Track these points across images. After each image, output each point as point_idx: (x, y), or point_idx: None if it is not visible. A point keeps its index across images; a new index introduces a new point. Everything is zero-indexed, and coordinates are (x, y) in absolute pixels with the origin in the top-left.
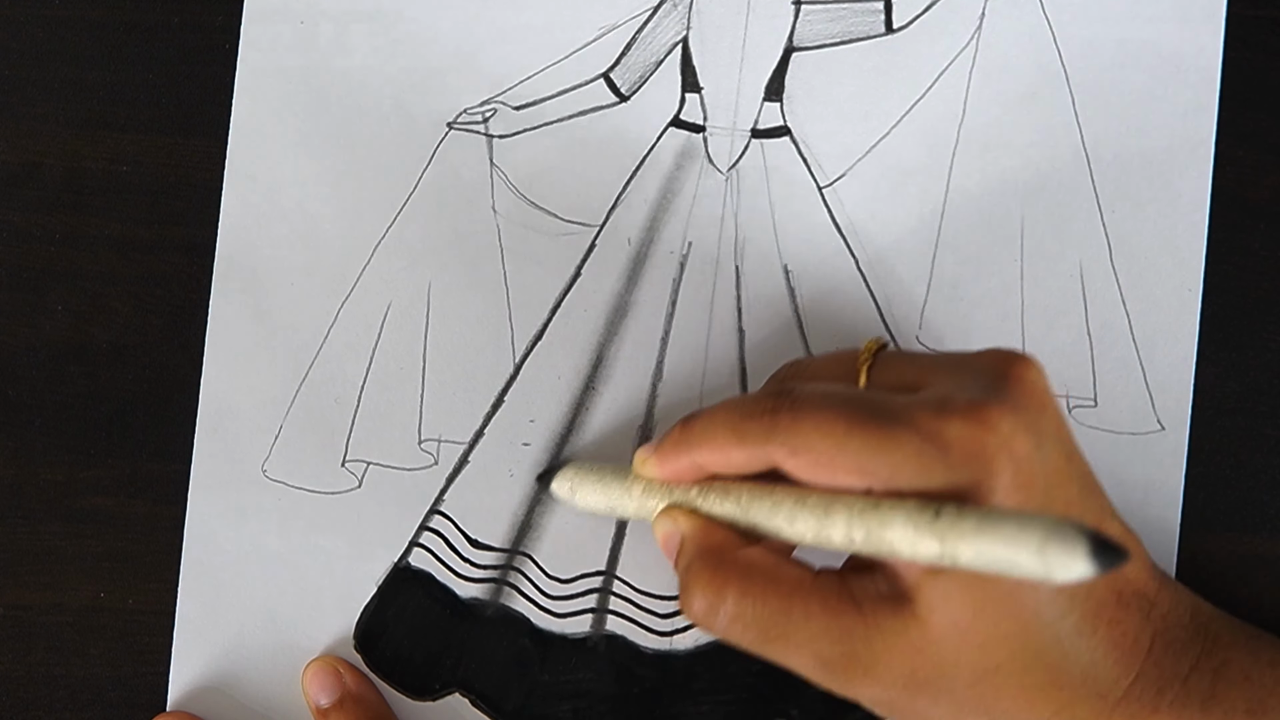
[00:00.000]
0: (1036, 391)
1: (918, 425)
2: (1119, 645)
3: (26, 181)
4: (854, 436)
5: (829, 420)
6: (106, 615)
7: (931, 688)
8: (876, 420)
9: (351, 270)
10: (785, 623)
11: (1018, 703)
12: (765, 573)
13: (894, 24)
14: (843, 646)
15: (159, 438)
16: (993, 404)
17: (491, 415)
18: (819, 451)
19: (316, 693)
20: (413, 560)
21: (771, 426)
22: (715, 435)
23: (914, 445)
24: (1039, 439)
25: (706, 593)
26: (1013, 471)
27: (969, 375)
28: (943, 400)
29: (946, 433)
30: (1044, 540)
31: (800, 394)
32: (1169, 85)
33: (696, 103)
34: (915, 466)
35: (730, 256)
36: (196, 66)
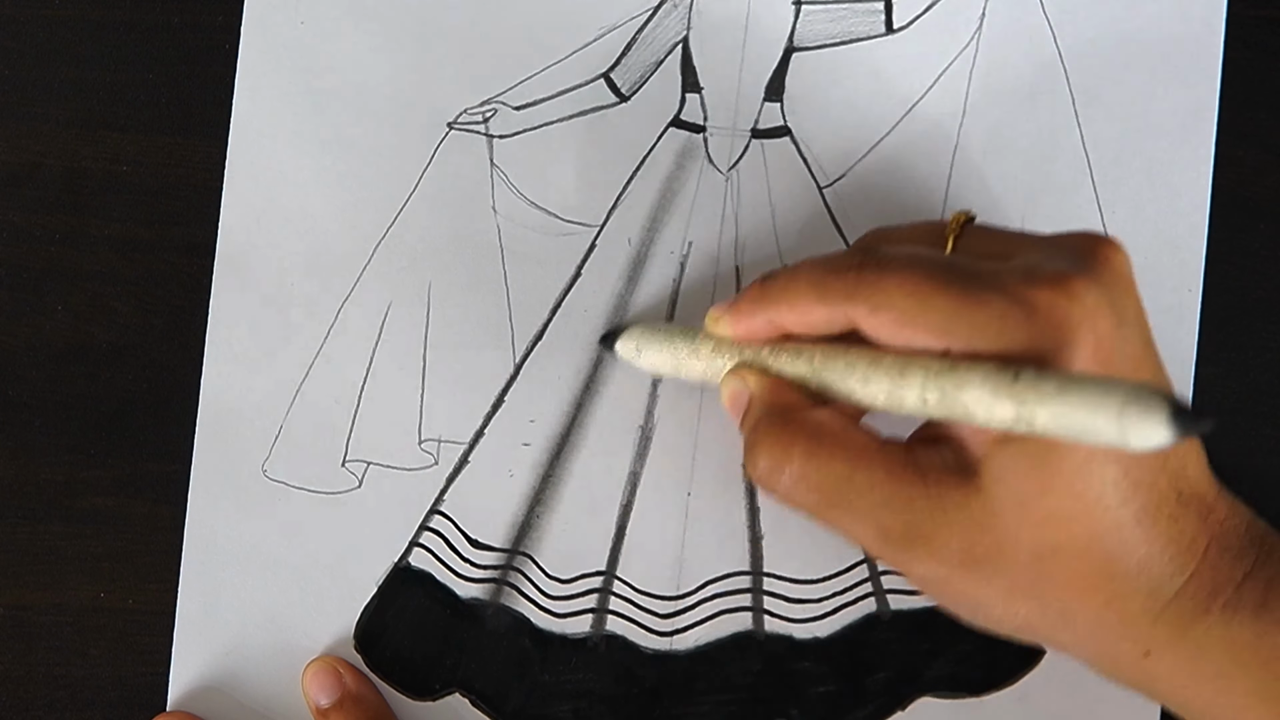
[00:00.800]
0: (1122, 274)
1: (1004, 288)
2: (1176, 542)
3: (26, 181)
4: (939, 295)
5: (914, 279)
6: (106, 615)
7: (987, 566)
8: (962, 281)
9: (352, 270)
10: (849, 488)
11: (1071, 588)
12: (833, 435)
13: (894, 24)
14: (904, 516)
15: (159, 438)
16: (1080, 277)
17: (492, 415)
18: (902, 309)
19: (316, 693)
20: (413, 560)
21: (856, 283)
22: (796, 291)
23: (998, 307)
24: (1121, 318)
25: (773, 451)
26: (1094, 344)
27: (1057, 250)
28: (1031, 268)
29: (1032, 298)
30: (1124, 404)
31: (886, 254)
32: (1169, 85)
33: (697, 103)
34: (998, 329)
35: (730, 256)
36: (196, 66)
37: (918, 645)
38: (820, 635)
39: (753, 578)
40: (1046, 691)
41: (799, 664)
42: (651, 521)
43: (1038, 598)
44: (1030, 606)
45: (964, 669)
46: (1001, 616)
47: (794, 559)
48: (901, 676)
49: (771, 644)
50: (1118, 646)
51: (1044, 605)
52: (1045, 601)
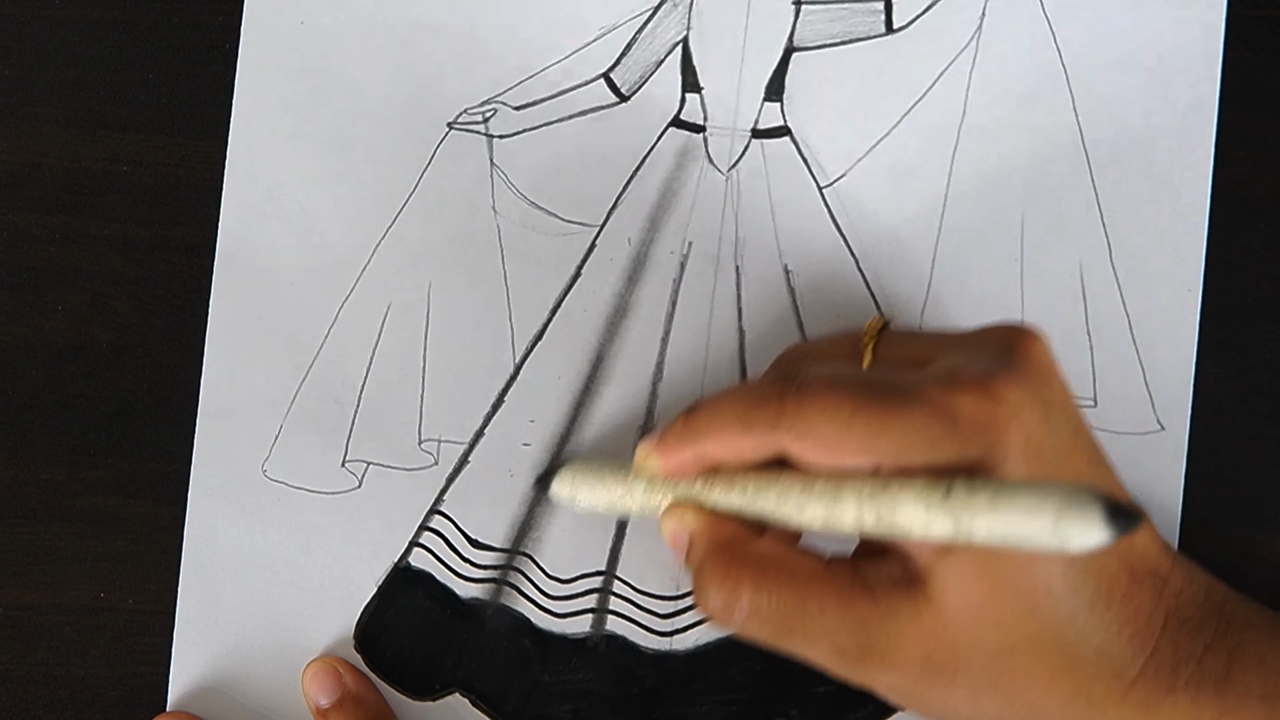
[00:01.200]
0: (1043, 364)
1: (926, 399)
2: (1132, 622)
3: (26, 181)
4: (861, 415)
5: (836, 401)
6: (106, 615)
7: (947, 671)
8: (884, 397)
9: (352, 270)
10: (801, 615)
11: (1034, 683)
12: (779, 564)
13: (894, 24)
14: (858, 636)
15: (159, 438)
16: (1000, 376)
17: (492, 415)
18: (827, 434)
19: (316, 693)
20: (413, 560)
21: (778, 413)
22: (721, 424)
23: (922, 419)
24: (1047, 410)
25: (721, 589)
26: (1023, 442)
27: (975, 349)
28: (950, 374)
29: (955, 405)
30: (1059, 509)
31: (805, 378)
32: (1169, 85)
33: (697, 103)
34: (924, 441)
35: (730, 256)
36: (196, 66)
37: None
38: None
39: None
40: None
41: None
42: (652, 522)
43: (1002, 695)
44: (997, 704)
45: None
46: (970, 716)
47: None
48: None
49: None
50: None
51: (1009, 701)
52: (1010, 698)
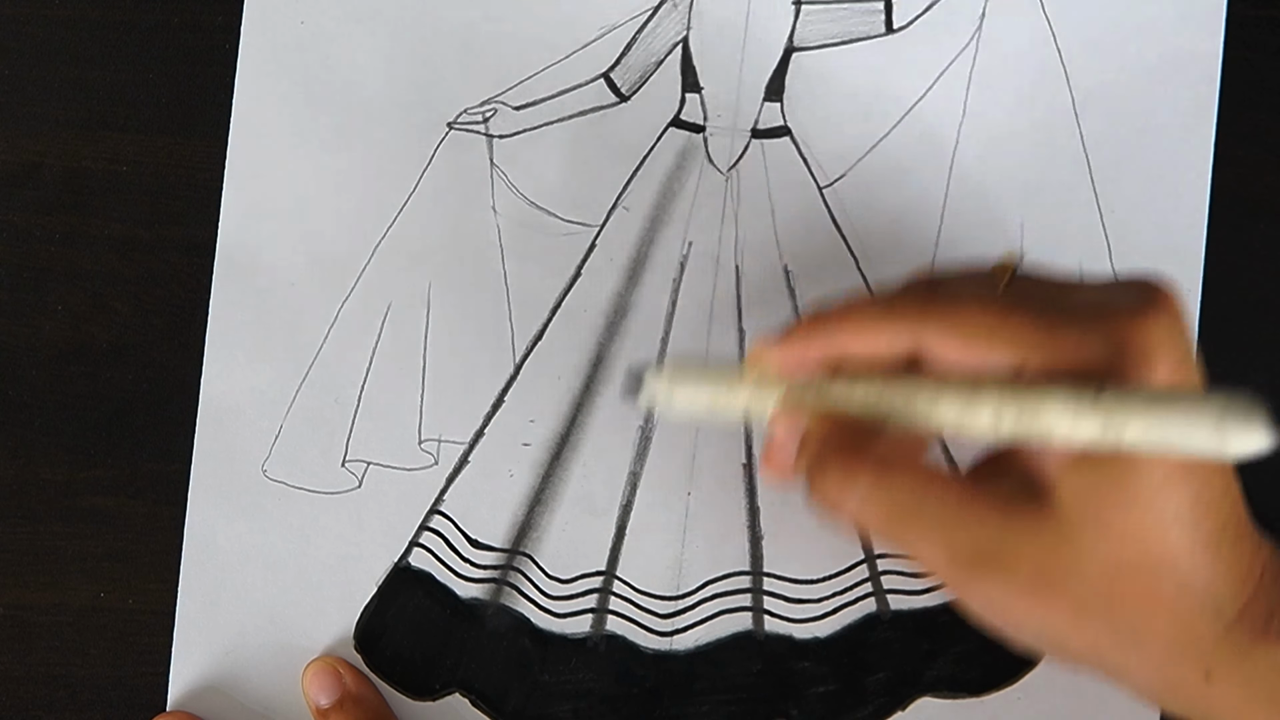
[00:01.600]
0: (1184, 314)
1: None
2: (1236, 567)
3: (26, 181)
4: (1015, 315)
5: (989, 304)
6: (106, 615)
7: (1058, 585)
8: (1036, 307)
9: (352, 270)
10: (919, 507)
11: (1141, 607)
12: (901, 459)
13: (894, 24)
14: (975, 534)
15: (159, 438)
16: (1151, 310)
17: (492, 415)
18: (977, 328)
19: (316, 693)
20: (413, 560)
21: (926, 304)
22: (861, 313)
23: (1077, 328)
24: (1187, 351)
25: (840, 475)
26: (1169, 371)
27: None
28: (1101, 302)
29: (1108, 326)
30: (1222, 411)
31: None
32: (1169, 85)
33: (697, 103)
34: (1076, 347)
35: (730, 256)
36: (196, 66)
37: (918, 645)
38: (820, 635)
39: (753, 578)
40: (1046, 691)
41: (799, 664)
42: (651, 521)
43: (1108, 617)
44: (1099, 628)
45: (964, 669)
46: (1069, 639)
47: (794, 559)
48: (901, 676)
49: (771, 644)
50: (1181, 669)
51: (1114, 625)
52: (1115, 621)
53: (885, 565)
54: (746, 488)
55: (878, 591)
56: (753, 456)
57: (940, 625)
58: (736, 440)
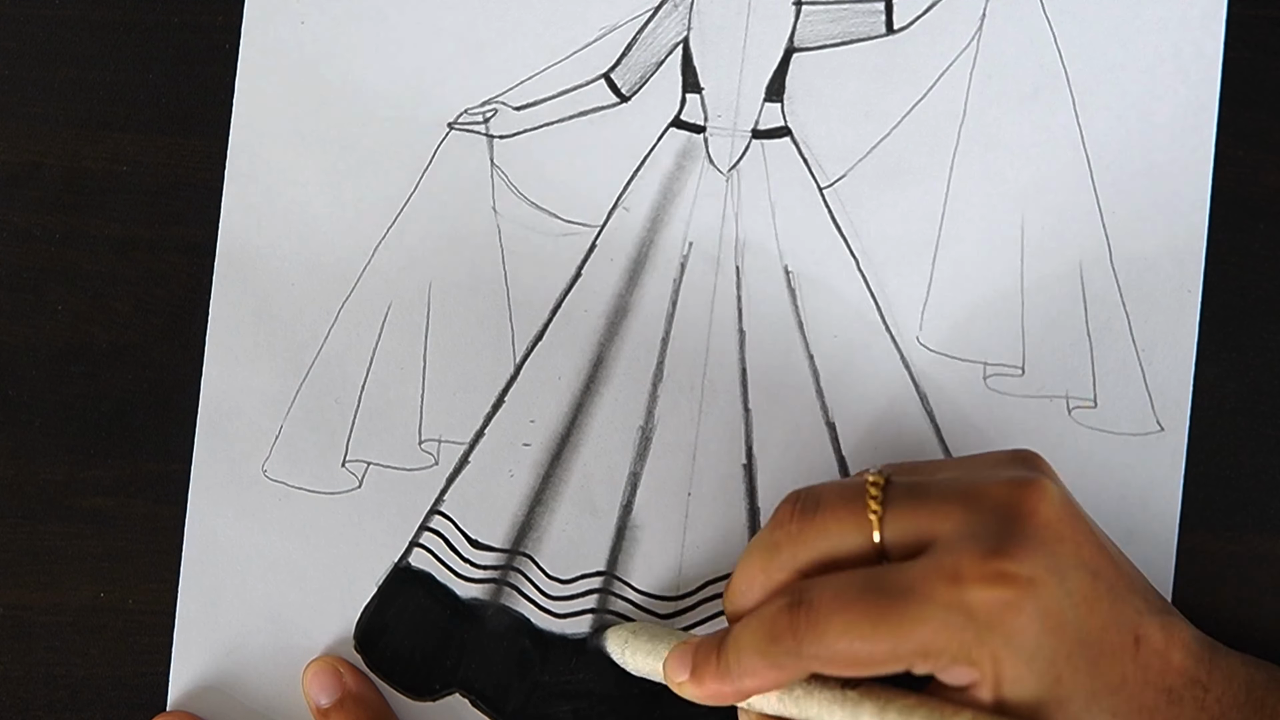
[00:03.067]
0: (1051, 523)
1: (937, 599)
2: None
3: (26, 181)
4: (880, 628)
5: (851, 621)
6: (106, 615)
7: None
8: (897, 606)
9: (352, 270)
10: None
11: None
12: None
13: (895, 24)
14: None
15: (159, 438)
16: (1008, 554)
17: (492, 416)
18: (850, 653)
19: (317, 693)
20: (413, 560)
21: (797, 643)
22: (750, 666)
23: (939, 619)
24: (1061, 574)
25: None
26: (1041, 616)
27: (981, 516)
28: (956, 567)
29: (967, 599)
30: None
31: (815, 597)
32: (1169, 86)
33: (697, 103)
34: (944, 637)
35: (731, 257)
36: (196, 66)
37: None
38: None
39: None
40: None
41: None
42: (652, 522)
43: None
44: None
45: None
46: None
47: None
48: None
49: None
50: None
51: None
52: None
53: None
54: (746, 488)
55: None
56: (753, 457)
57: None
58: (737, 441)
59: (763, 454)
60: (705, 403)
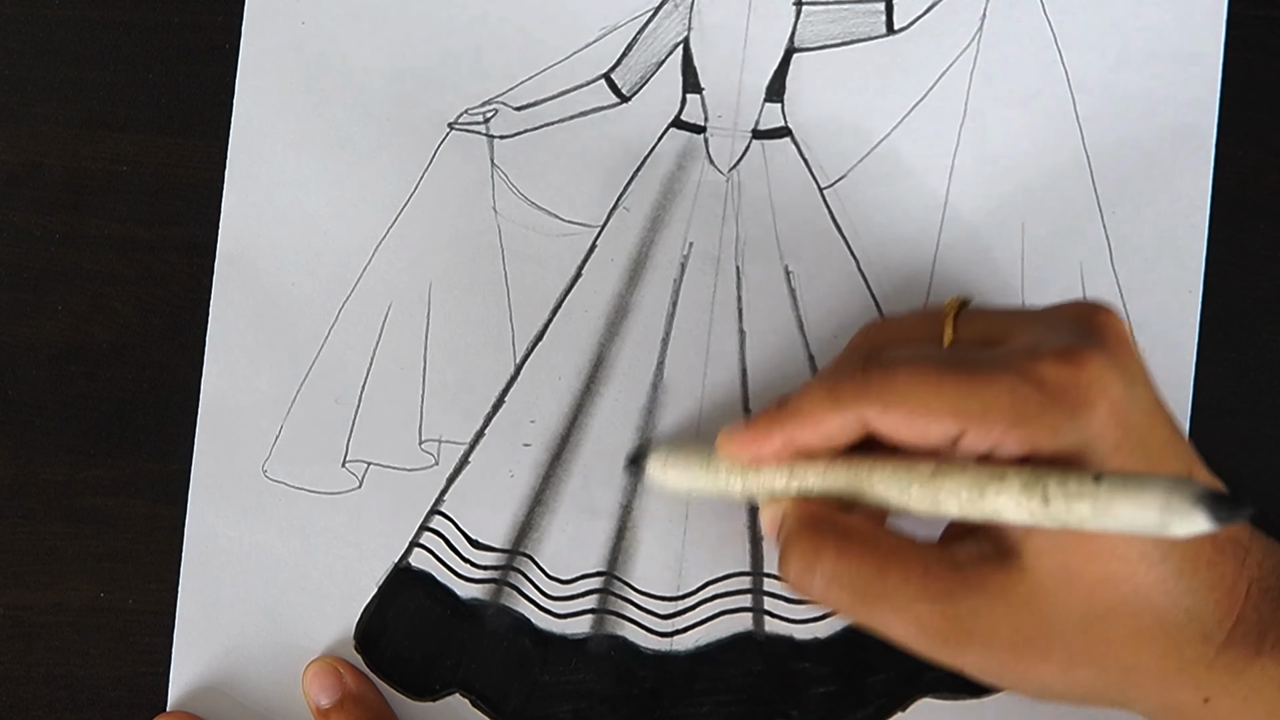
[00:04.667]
0: (1123, 339)
1: (1013, 367)
2: (1218, 588)
3: (26, 181)
4: (948, 381)
5: (922, 370)
6: (106, 615)
7: (1040, 645)
8: (969, 366)
9: (352, 270)
10: (883, 583)
11: (1126, 648)
12: (863, 535)
13: (895, 25)
14: (945, 611)
15: (159, 438)
16: (1085, 347)
17: (492, 416)
18: (914, 401)
19: (317, 693)
20: (413, 561)
21: (864, 384)
22: (808, 404)
23: (1008, 384)
24: (1130, 381)
25: (804, 554)
26: (1108, 409)
27: (1054, 325)
28: (1034, 347)
29: (1041, 372)
30: (1165, 500)
31: (889, 357)
32: (1170, 86)
33: (697, 103)
34: (1010, 404)
35: (731, 257)
36: (196, 66)
37: None
38: (821, 636)
39: (753, 578)
40: None
41: (799, 665)
42: (652, 522)
43: (1096, 663)
44: (1090, 673)
45: None
46: (1064, 688)
47: None
48: (902, 677)
49: (772, 644)
50: (1179, 695)
51: (1103, 668)
52: (1104, 665)
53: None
54: None
55: None
56: None
57: None
58: None
59: None
60: (705, 403)
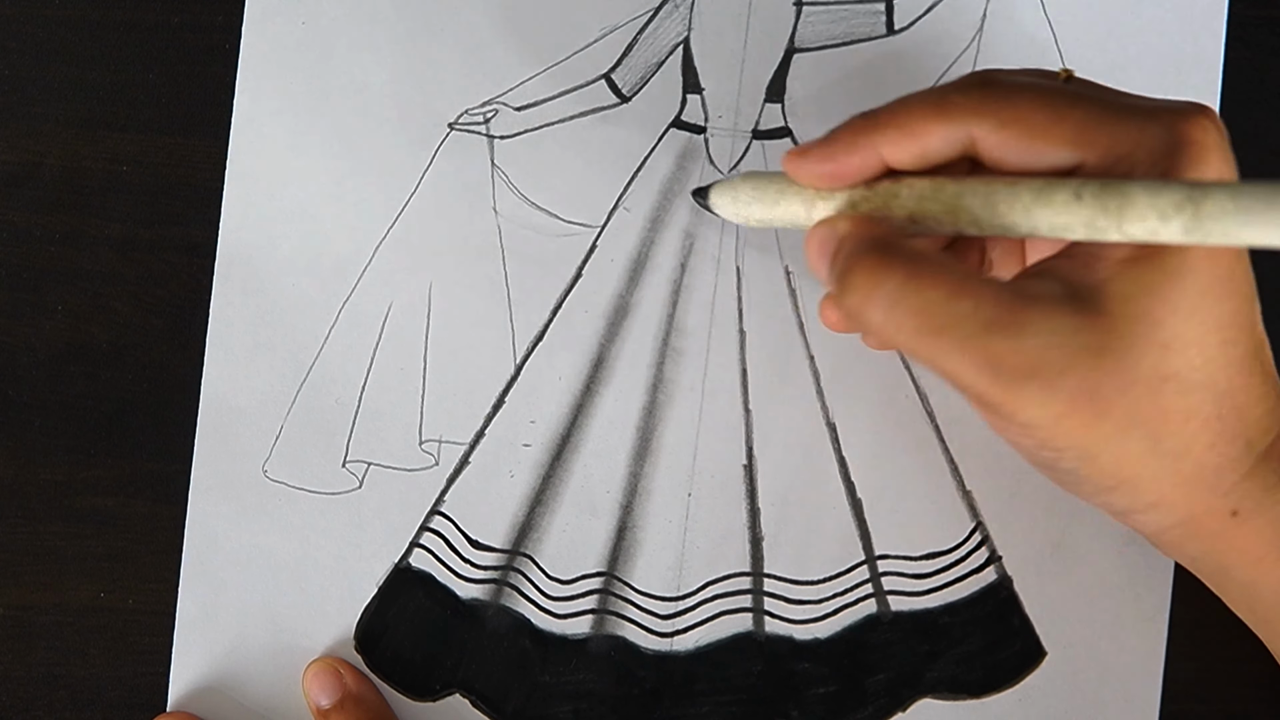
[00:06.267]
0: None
1: (1136, 107)
2: (1266, 399)
3: (26, 181)
4: (1077, 108)
5: (1047, 93)
6: (106, 615)
7: (1103, 401)
8: (1096, 98)
9: (353, 270)
10: (952, 311)
11: (1183, 425)
12: (933, 261)
13: (895, 25)
14: (1017, 344)
15: (159, 438)
16: (1201, 114)
17: (492, 416)
18: (1034, 122)
19: (317, 693)
20: (413, 561)
21: (981, 98)
22: (908, 112)
23: (1137, 121)
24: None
25: (869, 277)
26: (1224, 162)
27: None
28: (1155, 105)
29: (1163, 118)
30: None
31: (1008, 77)
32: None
33: (698, 104)
34: (1138, 142)
35: (731, 258)
36: (196, 66)
37: (918, 647)
38: (821, 636)
39: (753, 579)
40: (1047, 693)
41: (799, 665)
42: (652, 522)
43: (1152, 433)
44: (1142, 446)
45: (964, 671)
46: (1108, 459)
47: (794, 560)
48: (902, 678)
49: (772, 645)
50: (1209, 501)
51: (1156, 443)
52: (1158, 438)
53: (886, 566)
54: (747, 488)
55: (878, 593)
56: (753, 457)
57: (941, 627)
58: (737, 441)
59: (763, 454)
60: (705, 403)
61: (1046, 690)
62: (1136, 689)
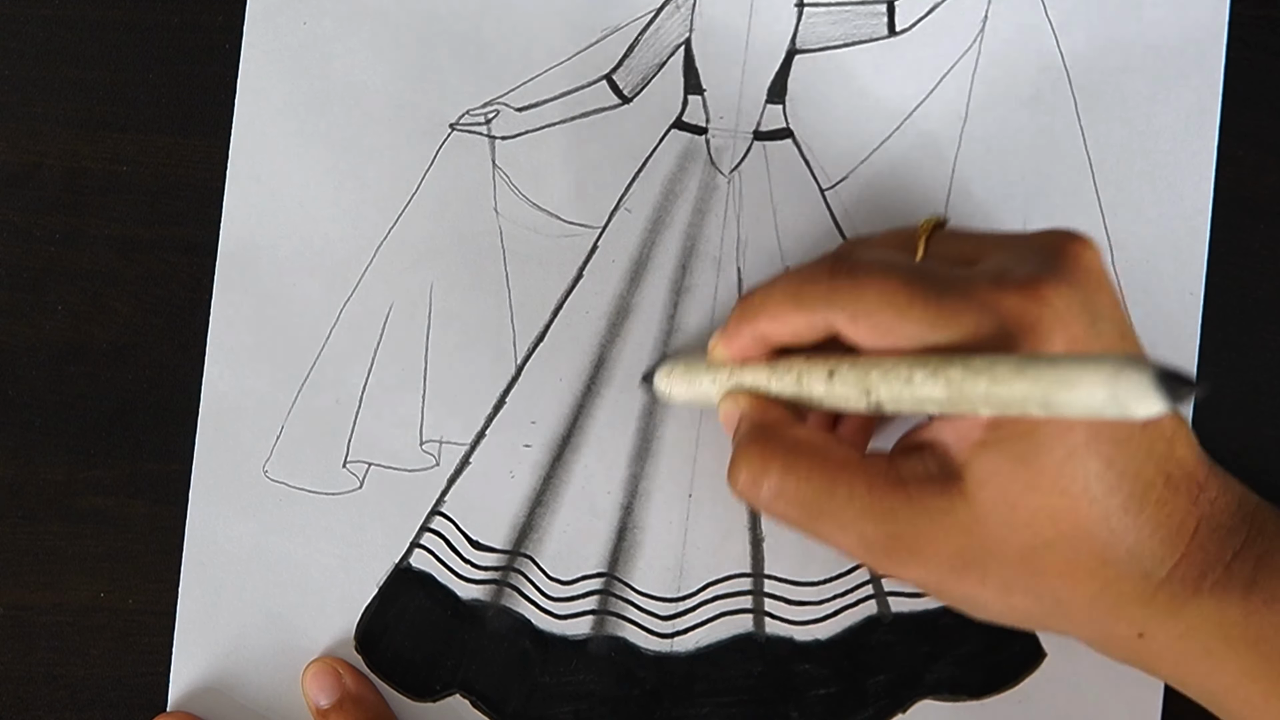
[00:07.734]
0: (1093, 271)
1: (975, 296)
2: (1164, 526)
3: (26, 181)
4: (915, 305)
5: (890, 287)
6: (106, 615)
7: (978, 568)
8: (935, 290)
9: (353, 271)
10: (828, 500)
11: (1064, 580)
12: (812, 449)
13: (897, 26)
14: (887, 527)
15: (159, 438)
16: (1048, 279)
17: (493, 417)
18: (879, 318)
19: (316, 693)
20: (414, 561)
21: (831, 290)
22: (774, 301)
23: (971, 316)
24: (1093, 318)
25: (752, 465)
26: (1066, 344)
27: (1026, 251)
28: (999, 273)
29: (1002, 304)
30: (1114, 375)
31: (859, 260)
32: (1171, 87)
33: (699, 104)
34: (972, 336)
35: (732, 258)
36: (196, 66)
37: (918, 648)
38: (821, 637)
39: (754, 579)
40: (1047, 694)
41: (800, 666)
42: (652, 523)
43: (1032, 591)
44: (1026, 600)
45: (964, 672)
46: (999, 611)
47: (795, 561)
48: (902, 679)
49: (772, 646)
50: (1113, 629)
51: (1038, 597)
52: (1039, 594)
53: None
54: None
55: (878, 594)
56: None
57: (941, 628)
58: None
59: None
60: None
61: (1046, 691)
62: (1137, 690)
